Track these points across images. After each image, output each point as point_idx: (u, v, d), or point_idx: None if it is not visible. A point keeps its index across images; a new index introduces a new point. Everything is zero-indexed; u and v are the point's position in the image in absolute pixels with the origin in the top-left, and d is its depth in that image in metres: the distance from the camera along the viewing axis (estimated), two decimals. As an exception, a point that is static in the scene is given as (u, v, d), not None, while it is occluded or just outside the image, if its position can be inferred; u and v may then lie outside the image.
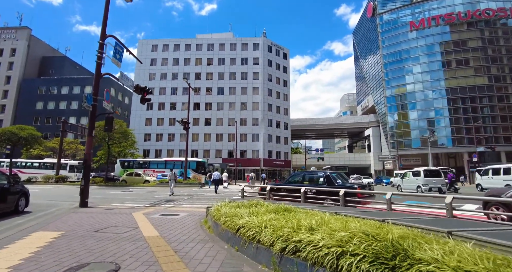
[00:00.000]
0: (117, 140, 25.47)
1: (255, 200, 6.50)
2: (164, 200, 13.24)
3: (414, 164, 60.98)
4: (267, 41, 58.09)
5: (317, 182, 10.67)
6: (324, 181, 10.31)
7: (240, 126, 52.21)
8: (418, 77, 63.12)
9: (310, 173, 11.58)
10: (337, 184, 9.97)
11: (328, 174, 10.48)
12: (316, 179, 11.11)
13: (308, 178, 11.13)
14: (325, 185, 9.94)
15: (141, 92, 13.97)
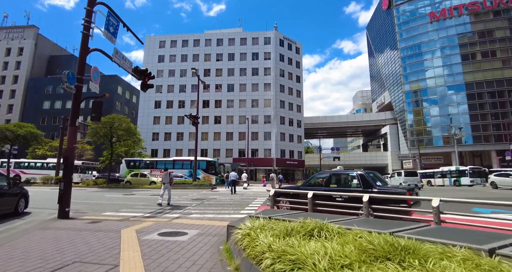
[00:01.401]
0: (120, 137, 23.22)
1: (308, 220, 3.91)
2: (169, 207, 10.83)
3: (435, 164, 57.39)
4: (278, 35, 55.45)
5: (348, 184, 8.24)
6: (360, 183, 7.74)
7: (251, 124, 49.72)
8: (439, 71, 59.40)
9: (338, 173, 8.91)
10: (378, 187, 7.43)
11: (363, 174, 7.92)
12: (346, 181, 8.49)
13: (335, 179, 8.60)
14: (361, 189, 7.49)
15: (142, 77, 11.60)
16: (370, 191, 7.02)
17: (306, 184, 8.82)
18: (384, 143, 78.28)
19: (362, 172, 8.05)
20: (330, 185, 8.20)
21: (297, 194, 8.01)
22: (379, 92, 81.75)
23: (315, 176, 9.21)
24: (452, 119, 57.62)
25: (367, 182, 7.55)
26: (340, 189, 7.91)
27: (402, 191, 7.02)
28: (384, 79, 75.54)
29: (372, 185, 7.46)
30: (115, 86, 56.84)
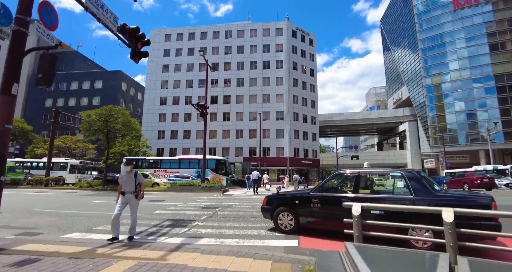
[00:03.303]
0: (118, 132, 20.12)
1: None
2: (168, 222, 7.57)
3: (461, 163, 53.15)
4: (291, 26, 51.92)
5: (387, 189, 5.89)
6: (408, 187, 4.85)
7: (262, 120, 46.33)
8: (464, 63, 55.01)
9: (371, 172, 6.06)
10: (439, 194, 4.75)
11: (413, 174, 5.01)
12: (383, 185, 6.33)
13: (366, 182, 5.86)
14: (412, 196, 4.74)
15: (132, 40, 8.39)
16: (428, 200, 4.55)
17: (320, 188, 5.86)
18: (400, 142, 74.10)
19: (409, 170, 5.15)
20: (359, 191, 5.36)
21: (308, 202, 5.63)
22: (396, 88, 77.51)
23: (334, 176, 6.08)
24: (479, 114, 53.27)
25: (420, 186, 4.76)
26: (378, 197, 5.10)
27: (484, 199, 4.40)
28: (402, 73, 71.31)
29: (429, 190, 4.71)
30: (119, 83, 54.20)
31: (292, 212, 5.86)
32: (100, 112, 19.31)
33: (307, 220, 5.67)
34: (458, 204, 4.17)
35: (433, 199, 4.49)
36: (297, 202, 5.84)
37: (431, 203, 4.39)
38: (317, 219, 5.57)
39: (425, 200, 4.50)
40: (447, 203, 4.23)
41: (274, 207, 6.14)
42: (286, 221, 5.93)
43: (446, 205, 4.14)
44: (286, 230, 5.88)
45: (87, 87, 54.88)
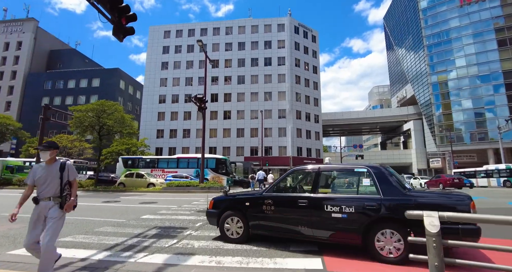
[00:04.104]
0: (111, 129, 18.73)
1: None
2: (155, 231, 6.19)
3: (468, 162, 51.65)
4: (293, 21, 50.51)
5: (352, 188, 5.08)
6: (376, 187, 4.15)
7: (264, 119, 44.95)
8: (471, 59, 53.50)
9: (333, 168, 5.20)
10: (410, 193, 4.04)
11: (381, 170, 4.30)
12: (347, 182, 5.55)
13: (327, 179, 5.28)
14: (380, 197, 4.02)
15: (114, 12, 7.02)
16: (398, 201, 3.89)
17: (275, 187, 5.03)
18: (404, 141, 72.66)
19: (377, 166, 4.39)
20: (318, 190, 4.56)
21: (260, 204, 4.77)
22: (400, 86, 76.02)
23: (291, 173, 5.27)
24: (487, 112, 51.75)
25: (389, 184, 4.10)
26: (339, 198, 4.30)
27: (461, 198, 3.80)
28: (406, 71, 69.81)
29: (399, 189, 4.05)
30: (117, 81, 52.90)
31: (241, 216, 4.94)
32: (92, 107, 17.96)
33: (258, 225, 4.79)
34: (431, 204, 3.71)
35: (403, 199, 3.86)
36: (248, 204, 4.92)
37: (401, 204, 3.80)
38: (271, 224, 4.70)
39: (394, 201, 3.87)
40: (419, 204, 3.72)
41: (221, 211, 5.15)
42: (234, 227, 4.97)
43: (417, 206, 3.66)
44: (233, 239, 4.95)
45: (85, 85, 53.62)
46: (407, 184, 4.39)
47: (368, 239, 3.89)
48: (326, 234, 4.18)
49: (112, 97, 49.03)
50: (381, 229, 3.83)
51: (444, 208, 3.65)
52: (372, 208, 3.92)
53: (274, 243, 4.90)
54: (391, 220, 3.85)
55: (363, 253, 4.11)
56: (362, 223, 3.92)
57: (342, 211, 4.07)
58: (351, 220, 4.01)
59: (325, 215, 4.16)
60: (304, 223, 4.32)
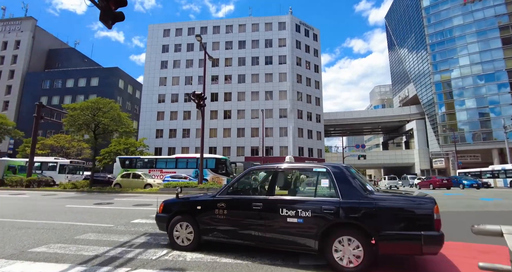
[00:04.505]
0: (106, 128, 18.00)
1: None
2: (144, 238, 5.46)
3: (472, 162, 50.82)
4: (294, 20, 49.81)
5: (311, 189, 4.53)
6: (335, 188, 3.79)
7: (265, 118, 44.25)
8: (475, 58, 52.71)
9: (291, 168, 4.76)
10: (373, 195, 3.63)
11: (342, 170, 3.96)
12: (307, 183, 5.00)
13: (285, 180, 4.86)
14: (339, 199, 3.64)
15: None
16: (358, 204, 3.49)
17: (229, 189, 4.59)
18: (406, 141, 71.90)
19: (337, 166, 4.06)
20: (274, 192, 4.21)
21: (213, 208, 4.37)
22: (402, 86, 75.24)
23: (248, 173, 4.85)
24: (491, 111, 50.95)
25: (350, 186, 3.74)
26: (296, 200, 3.93)
27: (424, 202, 3.42)
28: (408, 70, 69.04)
29: (359, 191, 3.66)
30: (116, 80, 52.25)
31: (191, 221, 4.50)
32: (86, 104, 17.24)
33: (210, 232, 4.36)
34: (392, 208, 3.40)
35: (363, 203, 3.51)
36: (199, 208, 4.50)
37: (361, 207, 3.49)
38: (223, 230, 4.28)
39: (353, 204, 3.55)
40: (380, 208, 3.40)
41: (171, 215, 4.69)
42: (184, 233, 4.51)
43: (378, 210, 3.38)
44: (183, 246, 4.51)
45: (83, 84, 52.99)
46: (369, 185, 4.01)
47: (326, 246, 3.52)
48: (281, 241, 3.80)
49: (111, 97, 48.29)
50: (339, 236, 3.48)
51: (406, 212, 3.35)
52: (329, 212, 3.55)
53: (282, 254, 4.16)
54: (350, 225, 3.50)
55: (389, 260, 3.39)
56: (319, 228, 3.55)
57: (298, 216, 3.69)
58: (308, 226, 3.64)
59: (280, 219, 3.79)
60: (258, 228, 3.95)
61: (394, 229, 3.27)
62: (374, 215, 3.37)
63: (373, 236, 3.34)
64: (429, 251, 3.22)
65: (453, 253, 4.23)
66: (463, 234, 5.43)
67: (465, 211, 9.25)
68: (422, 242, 3.15)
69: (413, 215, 3.34)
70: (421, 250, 3.18)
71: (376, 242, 3.30)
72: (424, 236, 3.16)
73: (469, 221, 7.07)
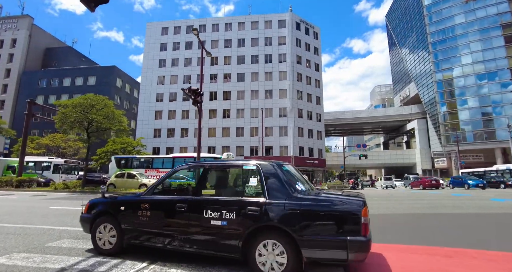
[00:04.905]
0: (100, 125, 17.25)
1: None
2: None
3: (475, 162, 50.15)
4: (294, 17, 49.09)
5: (239, 188, 4.16)
6: (262, 187, 3.47)
7: (264, 117, 43.55)
8: (478, 56, 52.07)
9: (220, 165, 4.51)
10: (300, 195, 3.36)
11: (273, 169, 3.62)
12: (235, 182, 4.44)
13: (214, 178, 4.58)
14: (264, 200, 3.34)
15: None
16: (283, 205, 3.23)
17: (156, 188, 4.26)
18: (407, 141, 71.28)
19: (269, 163, 3.74)
20: (201, 192, 4.09)
21: (136, 208, 4.01)
22: (403, 85, 74.61)
23: (176, 171, 4.46)
24: (494, 110, 50.29)
25: (279, 185, 3.42)
26: (221, 201, 3.61)
27: (352, 203, 3.11)
28: (409, 69, 68.40)
29: (288, 190, 3.36)
30: (113, 78, 51.48)
31: (115, 223, 4.16)
32: (78, 101, 16.49)
33: (133, 235, 4.03)
34: (318, 210, 3.13)
35: (289, 204, 3.26)
36: (123, 208, 4.16)
37: (286, 208, 3.23)
38: (146, 233, 3.94)
39: (279, 205, 3.28)
40: (305, 209, 3.16)
41: (95, 216, 4.34)
42: (107, 236, 4.18)
43: (303, 212, 3.12)
44: (105, 250, 4.16)
45: (80, 83, 52.22)
46: (302, 184, 3.77)
47: (250, 252, 3.23)
48: (204, 246, 3.51)
49: (108, 96, 47.21)
50: (263, 240, 3.19)
51: (331, 215, 3.08)
52: (253, 214, 3.26)
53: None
54: (275, 228, 3.21)
55: None
56: (243, 232, 3.27)
57: (222, 218, 3.42)
58: (231, 228, 3.36)
59: (203, 222, 3.51)
60: (182, 232, 3.64)
61: (318, 234, 3.00)
62: (298, 218, 3.09)
63: (297, 240, 3.03)
64: (355, 258, 2.91)
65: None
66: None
67: (484, 213, 8.52)
68: (348, 248, 2.88)
69: (339, 218, 3.05)
70: (347, 257, 2.89)
71: (300, 247, 3.01)
72: (350, 241, 2.89)
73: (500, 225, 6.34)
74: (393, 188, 34.08)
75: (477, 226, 6.61)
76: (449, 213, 8.69)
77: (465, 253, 4.18)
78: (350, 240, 2.89)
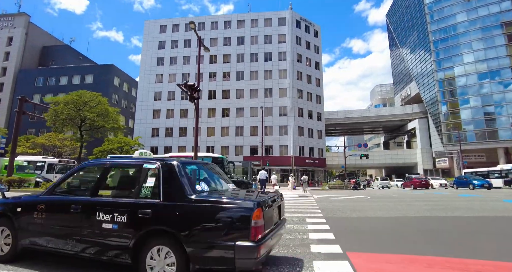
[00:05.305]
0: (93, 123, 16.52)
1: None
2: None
3: (476, 162, 49.57)
4: (295, 15, 48.41)
5: (137, 188, 3.45)
6: (159, 188, 3.19)
7: (264, 117, 42.87)
8: (480, 55, 51.48)
9: (122, 164, 4.25)
10: (190, 199, 3.04)
11: (172, 168, 3.31)
12: (135, 182, 3.69)
13: (115, 178, 4.10)
14: (157, 202, 3.12)
15: None
16: (174, 208, 3.02)
17: (55, 189, 3.89)
18: (408, 141, 70.68)
19: (170, 162, 3.42)
20: (98, 192, 3.61)
21: (33, 210, 3.69)
22: (403, 84, 74.02)
23: (79, 170, 4.10)
24: (497, 110, 49.68)
25: (176, 185, 3.19)
26: (114, 203, 3.37)
27: (241, 206, 2.90)
28: (410, 68, 67.80)
29: (185, 191, 3.11)
30: (111, 77, 50.74)
31: (10, 226, 3.85)
32: (70, 98, 15.78)
33: (28, 239, 3.70)
34: (208, 213, 2.88)
35: (181, 206, 2.99)
36: (19, 210, 3.86)
37: (178, 211, 2.97)
38: (41, 237, 3.63)
39: (171, 207, 3.01)
40: (195, 212, 2.92)
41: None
42: (1, 241, 3.87)
43: (194, 213, 2.92)
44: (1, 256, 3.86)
45: (77, 82, 51.44)
46: (207, 185, 3.51)
47: (140, 257, 3.01)
48: (96, 251, 3.24)
49: (105, 94, 46.75)
50: (154, 246, 2.98)
51: (221, 218, 2.86)
52: (145, 217, 3.04)
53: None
54: (166, 233, 3.00)
55: None
56: (133, 236, 3.05)
57: (113, 221, 3.18)
58: (122, 233, 3.13)
59: (95, 225, 3.26)
60: (76, 236, 3.37)
61: (206, 239, 2.80)
62: (188, 221, 2.89)
63: (185, 246, 2.81)
64: (244, 265, 2.65)
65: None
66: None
67: (502, 217, 7.84)
68: (235, 254, 2.65)
69: (228, 221, 2.82)
70: (234, 265, 2.66)
71: (188, 253, 2.79)
72: (238, 247, 2.66)
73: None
74: (389, 188, 35.68)
75: (503, 233, 5.93)
76: (465, 216, 8.02)
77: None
78: (238, 245, 2.66)
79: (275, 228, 3.29)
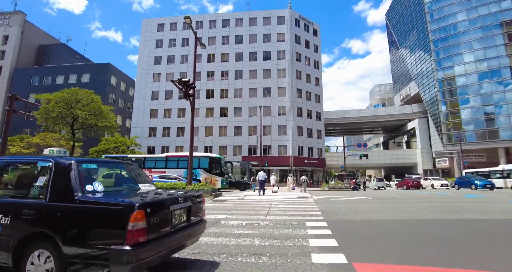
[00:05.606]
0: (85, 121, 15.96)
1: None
2: None
3: (477, 162, 49.16)
4: (294, 14, 47.92)
5: (27, 186, 3.29)
6: (47, 188, 2.98)
7: (263, 116, 42.36)
8: (480, 54, 51.09)
9: (17, 162, 3.91)
10: (78, 200, 2.82)
11: (67, 163, 3.09)
12: (28, 181, 3.40)
13: (11, 177, 3.77)
14: (44, 203, 2.91)
15: None
16: (60, 209, 2.85)
17: None
18: (407, 141, 70.29)
19: (66, 159, 3.27)
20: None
21: None
22: (403, 84, 73.62)
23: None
24: (497, 109, 49.29)
25: (65, 184, 2.97)
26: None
27: (119, 207, 2.70)
28: (410, 68, 67.41)
29: (72, 191, 2.91)
30: (108, 76, 50.11)
31: None
32: (61, 95, 15.22)
33: None
34: (87, 213, 2.72)
35: (65, 207, 2.81)
36: None
37: (60, 212, 2.81)
38: None
39: (55, 209, 2.82)
40: (76, 212, 2.75)
41: None
42: None
43: (73, 215, 2.73)
44: None
45: (74, 81, 50.77)
46: (100, 184, 3.20)
47: (21, 261, 2.85)
48: None
49: (102, 94, 45.84)
50: (35, 249, 2.80)
51: (98, 220, 2.65)
52: (28, 218, 2.88)
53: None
54: (47, 235, 2.78)
55: None
56: (15, 239, 2.87)
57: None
58: (4, 235, 2.96)
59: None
60: None
61: (82, 242, 2.63)
62: (67, 223, 2.73)
63: (62, 249, 2.65)
64: (119, 271, 2.51)
65: None
66: None
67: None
68: (109, 260, 2.50)
69: (105, 224, 2.66)
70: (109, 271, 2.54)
71: (65, 258, 2.63)
72: (112, 251, 2.51)
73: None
74: (385, 188, 35.96)
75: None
76: (475, 218, 7.52)
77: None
78: (112, 249, 2.51)
79: (177, 231, 3.05)
